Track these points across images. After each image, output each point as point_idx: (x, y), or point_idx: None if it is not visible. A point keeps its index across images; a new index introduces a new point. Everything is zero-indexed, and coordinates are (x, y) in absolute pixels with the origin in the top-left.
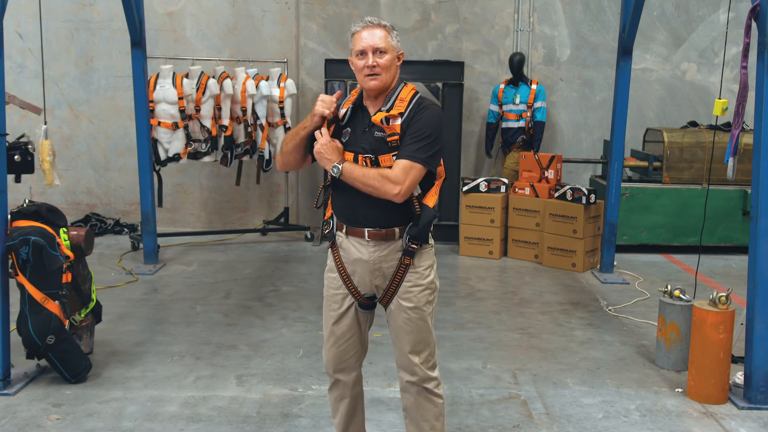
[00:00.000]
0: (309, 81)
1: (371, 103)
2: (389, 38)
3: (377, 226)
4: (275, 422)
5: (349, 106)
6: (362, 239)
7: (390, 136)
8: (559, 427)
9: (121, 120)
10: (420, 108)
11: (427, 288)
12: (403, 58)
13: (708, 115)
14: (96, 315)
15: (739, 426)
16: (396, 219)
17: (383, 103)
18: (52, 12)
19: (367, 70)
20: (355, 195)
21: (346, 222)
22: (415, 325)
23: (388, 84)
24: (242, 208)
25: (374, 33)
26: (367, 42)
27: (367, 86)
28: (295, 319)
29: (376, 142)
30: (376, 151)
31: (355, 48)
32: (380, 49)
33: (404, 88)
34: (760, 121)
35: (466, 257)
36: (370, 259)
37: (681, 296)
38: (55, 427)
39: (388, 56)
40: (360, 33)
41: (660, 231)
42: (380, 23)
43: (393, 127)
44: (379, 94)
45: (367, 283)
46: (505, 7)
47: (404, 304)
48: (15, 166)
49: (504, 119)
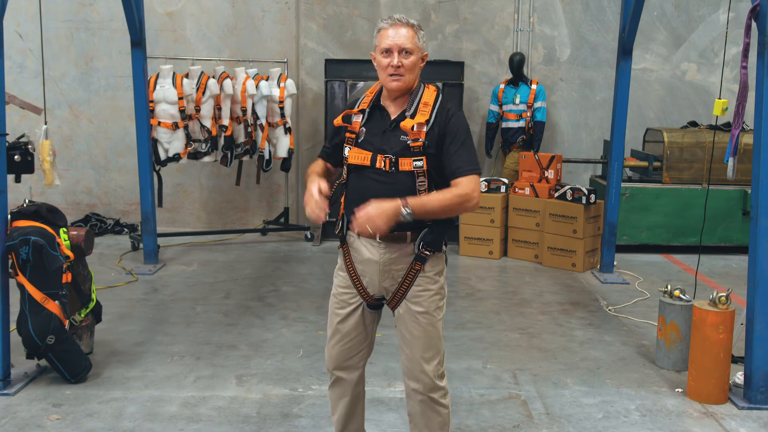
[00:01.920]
0: (309, 81)
1: (391, 103)
2: (416, 38)
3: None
4: (275, 422)
5: (366, 108)
6: (373, 240)
7: (414, 142)
8: (559, 427)
9: (121, 120)
10: (450, 116)
11: (437, 293)
12: (426, 59)
13: (708, 115)
14: (96, 315)
15: (739, 426)
16: (406, 223)
17: (407, 106)
18: (52, 12)
19: (392, 69)
20: (368, 196)
21: None
22: (425, 331)
23: (411, 85)
24: (242, 208)
25: (402, 32)
26: (394, 40)
27: (389, 86)
28: (295, 319)
29: (398, 145)
30: (397, 154)
31: (381, 45)
32: (407, 49)
33: (426, 91)
34: (760, 121)
35: (466, 257)
36: (380, 260)
37: (681, 296)
38: (55, 427)
39: (414, 57)
40: (387, 30)
41: (660, 231)
42: (408, 21)
43: (419, 133)
44: (399, 95)
45: (377, 284)
46: (505, 7)
47: (414, 308)
48: (15, 166)
49: (504, 119)
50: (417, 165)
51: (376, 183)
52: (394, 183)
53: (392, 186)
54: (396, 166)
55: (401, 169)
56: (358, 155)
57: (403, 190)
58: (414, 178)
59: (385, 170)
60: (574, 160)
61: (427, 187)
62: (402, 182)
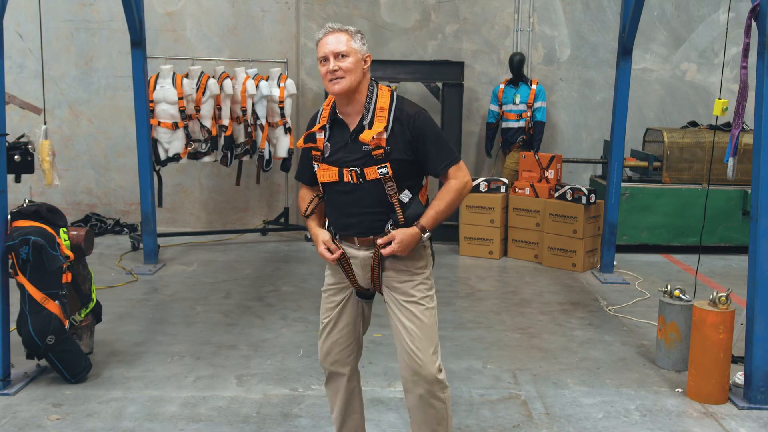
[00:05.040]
0: (309, 81)
1: (347, 112)
2: (351, 41)
3: (365, 234)
4: (275, 422)
5: (326, 123)
6: (353, 244)
7: (375, 150)
8: (559, 427)
9: (121, 120)
10: (414, 120)
11: (421, 283)
12: (370, 61)
13: (708, 115)
14: (96, 315)
15: (739, 426)
16: (382, 226)
17: (363, 115)
18: (52, 12)
19: (330, 75)
20: (342, 208)
21: (337, 231)
22: (416, 318)
23: (354, 86)
24: (242, 208)
25: (335, 37)
26: (328, 47)
27: (331, 90)
28: (295, 319)
29: (362, 156)
30: (361, 165)
31: (318, 55)
32: (341, 53)
33: (380, 93)
34: (760, 121)
35: (466, 257)
36: (360, 255)
37: (681, 296)
38: (55, 427)
39: (351, 59)
40: (323, 39)
41: (660, 231)
42: (342, 28)
43: (379, 140)
44: (349, 99)
45: (362, 276)
46: (505, 7)
47: (400, 298)
48: (15, 166)
49: (504, 119)
50: (382, 172)
51: (347, 196)
52: (363, 193)
53: (362, 197)
54: (363, 177)
55: (368, 178)
56: (326, 173)
57: (374, 198)
58: (382, 184)
59: (353, 182)
60: (574, 160)
61: (396, 190)
62: (371, 191)
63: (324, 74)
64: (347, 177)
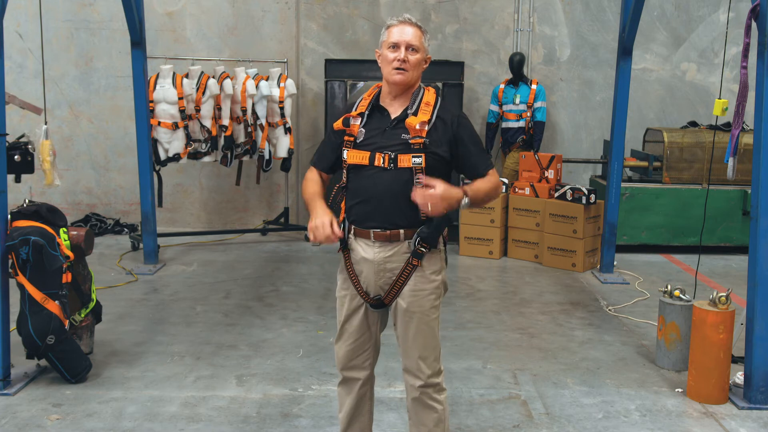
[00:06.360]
0: (309, 81)
1: (391, 102)
2: (423, 39)
3: (382, 228)
4: (275, 422)
5: (365, 110)
6: (368, 240)
7: (414, 139)
8: (559, 427)
9: (121, 120)
10: (460, 120)
11: (432, 293)
12: (429, 62)
13: (708, 115)
14: (96, 315)
15: (739, 426)
16: (401, 221)
17: (409, 104)
18: (52, 12)
19: (397, 63)
20: (366, 197)
21: (354, 223)
22: (419, 330)
23: (412, 83)
24: (242, 208)
25: (409, 30)
26: (403, 36)
27: (392, 79)
28: (295, 319)
29: (399, 143)
30: (397, 151)
31: (389, 39)
32: (413, 46)
33: (426, 92)
34: (760, 121)
35: (466, 257)
36: (375, 259)
37: (681, 296)
38: (55, 427)
39: (419, 55)
40: (395, 27)
41: (660, 231)
42: (417, 23)
43: (421, 131)
44: (400, 92)
45: (373, 283)
46: (505, 7)
47: (408, 308)
48: (15, 166)
49: (504, 119)
50: (416, 161)
51: (374, 180)
52: (390, 179)
53: (388, 183)
54: (395, 163)
55: (399, 165)
56: (356, 155)
57: (399, 188)
58: (411, 175)
59: (383, 167)
60: (574, 160)
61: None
62: (398, 179)
63: (390, 60)
64: (378, 161)
